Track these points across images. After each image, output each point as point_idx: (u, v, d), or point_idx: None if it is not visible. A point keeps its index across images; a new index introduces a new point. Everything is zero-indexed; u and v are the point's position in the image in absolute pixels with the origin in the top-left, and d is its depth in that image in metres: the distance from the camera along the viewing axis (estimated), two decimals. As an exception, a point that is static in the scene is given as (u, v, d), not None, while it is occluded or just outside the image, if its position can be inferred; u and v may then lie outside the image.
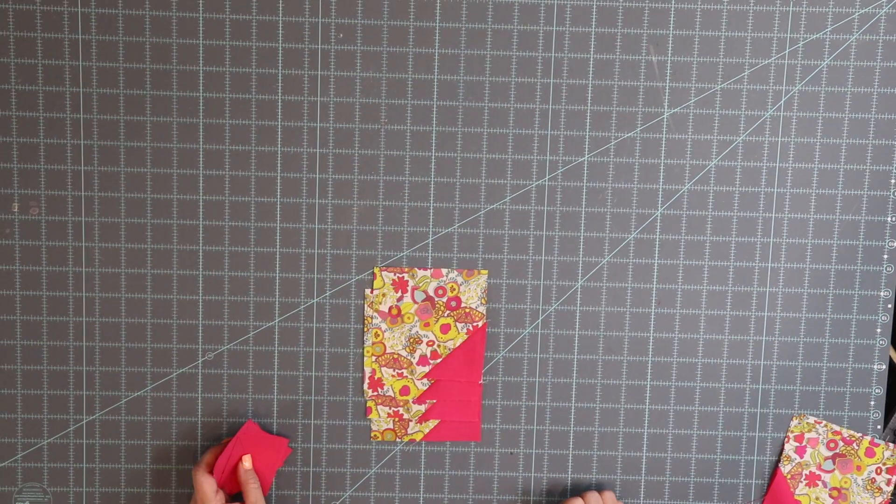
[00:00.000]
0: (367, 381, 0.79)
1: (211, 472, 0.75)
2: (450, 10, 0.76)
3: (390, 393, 0.80)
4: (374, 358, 0.79)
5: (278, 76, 0.76)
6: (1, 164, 0.76)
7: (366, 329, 0.79)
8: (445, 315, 0.79)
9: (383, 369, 0.79)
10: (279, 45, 0.76)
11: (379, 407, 0.80)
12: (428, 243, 0.79)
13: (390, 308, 0.79)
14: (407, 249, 0.79)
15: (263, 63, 0.76)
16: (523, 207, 0.78)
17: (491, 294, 0.79)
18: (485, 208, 0.78)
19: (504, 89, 0.77)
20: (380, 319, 0.79)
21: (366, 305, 0.79)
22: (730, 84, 0.77)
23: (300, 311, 0.79)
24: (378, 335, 0.79)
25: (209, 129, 0.77)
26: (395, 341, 0.79)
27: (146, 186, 0.77)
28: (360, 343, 0.79)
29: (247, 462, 0.76)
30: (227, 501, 0.75)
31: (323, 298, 0.79)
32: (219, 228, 0.78)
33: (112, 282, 0.78)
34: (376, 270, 0.78)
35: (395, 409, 0.80)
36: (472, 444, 0.81)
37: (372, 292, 0.78)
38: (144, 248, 0.78)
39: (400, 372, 0.79)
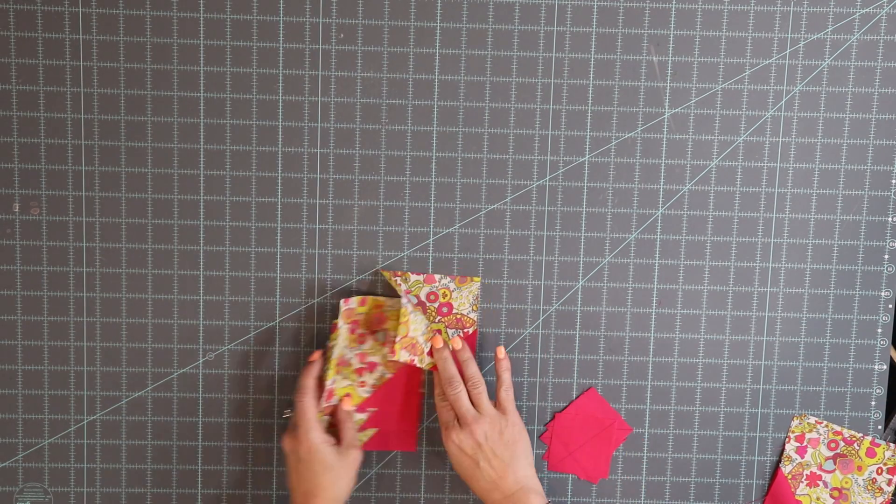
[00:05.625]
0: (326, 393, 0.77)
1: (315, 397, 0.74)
2: (450, 10, 0.76)
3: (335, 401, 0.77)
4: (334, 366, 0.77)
5: (279, 76, 0.76)
6: (2, 164, 0.76)
7: (331, 341, 0.77)
8: (437, 321, 0.78)
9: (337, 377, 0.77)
10: (280, 46, 0.76)
11: (324, 417, 0.77)
12: (429, 243, 0.79)
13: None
14: (408, 249, 0.79)
15: (264, 63, 0.76)
16: (524, 208, 0.78)
17: (492, 294, 0.79)
18: (485, 208, 0.78)
19: (505, 89, 0.77)
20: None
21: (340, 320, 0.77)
22: (730, 84, 0.77)
23: (301, 311, 0.79)
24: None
25: (210, 129, 0.77)
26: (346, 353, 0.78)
27: (147, 187, 0.77)
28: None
29: (347, 404, 0.77)
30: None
31: (324, 299, 0.79)
32: (219, 228, 0.78)
33: (113, 282, 0.78)
34: (337, 321, 0.76)
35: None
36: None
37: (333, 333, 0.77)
38: (145, 248, 0.78)
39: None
